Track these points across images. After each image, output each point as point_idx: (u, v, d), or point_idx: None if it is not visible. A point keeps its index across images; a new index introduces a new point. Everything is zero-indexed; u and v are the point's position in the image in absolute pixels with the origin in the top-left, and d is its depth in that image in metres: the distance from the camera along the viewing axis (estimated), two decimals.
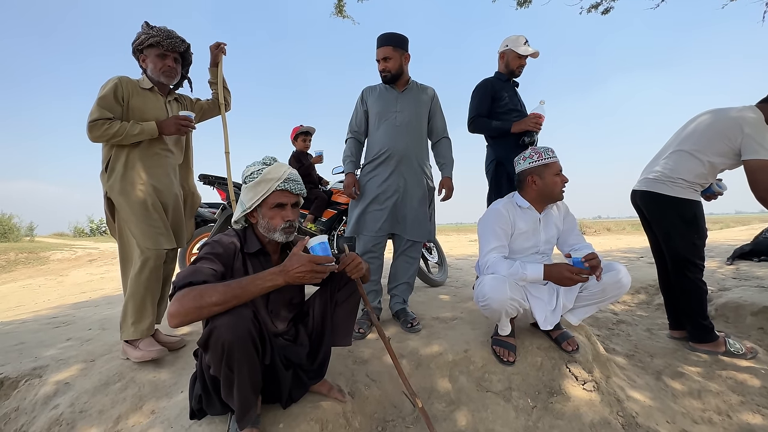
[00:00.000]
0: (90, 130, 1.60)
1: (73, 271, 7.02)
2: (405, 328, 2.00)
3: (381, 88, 2.16)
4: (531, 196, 1.77)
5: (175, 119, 1.73)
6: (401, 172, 2.08)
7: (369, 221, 2.07)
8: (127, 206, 1.66)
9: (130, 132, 1.63)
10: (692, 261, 2.01)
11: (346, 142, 2.20)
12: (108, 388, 1.51)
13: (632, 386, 1.78)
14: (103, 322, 2.42)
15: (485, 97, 2.32)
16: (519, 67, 2.38)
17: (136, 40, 1.75)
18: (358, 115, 2.17)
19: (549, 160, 1.72)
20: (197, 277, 1.01)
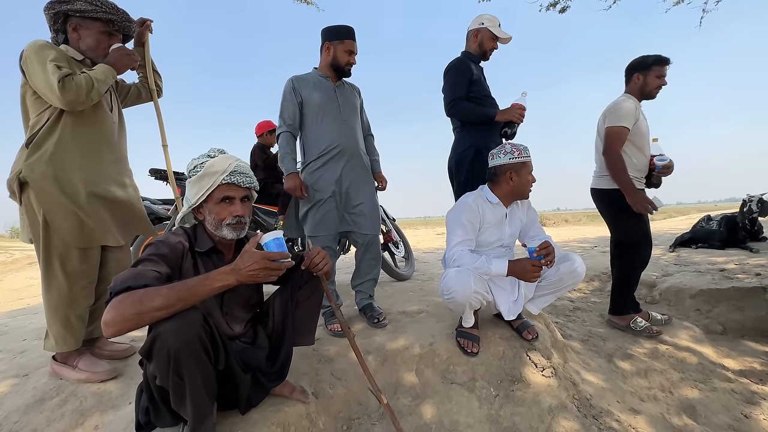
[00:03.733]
0: (63, 93, 1.32)
1: (9, 276, 6.38)
2: (371, 324, 1.99)
3: (314, 80, 2.04)
4: (503, 191, 1.76)
5: (119, 52, 1.51)
6: (352, 168, 2.04)
7: (325, 220, 1.98)
8: (52, 193, 1.40)
9: (97, 77, 1.39)
10: (629, 241, 2.23)
11: (278, 137, 2.01)
12: (43, 405, 1.37)
13: (587, 369, 1.87)
14: (40, 331, 2.19)
15: (463, 78, 2.09)
16: (491, 50, 2.21)
17: (65, 3, 1.45)
18: (291, 106, 1.99)
19: (526, 158, 1.72)
20: (138, 281, 0.92)
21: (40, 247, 1.45)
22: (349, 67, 2.04)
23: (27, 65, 1.38)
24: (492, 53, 2.23)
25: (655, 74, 2.13)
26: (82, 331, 1.53)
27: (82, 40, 1.52)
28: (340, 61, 2.01)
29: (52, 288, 1.46)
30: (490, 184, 1.83)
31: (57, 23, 1.50)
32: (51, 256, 1.45)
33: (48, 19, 1.51)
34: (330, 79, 2.06)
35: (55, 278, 1.45)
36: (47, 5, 1.47)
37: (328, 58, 2.03)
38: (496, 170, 1.77)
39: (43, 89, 1.36)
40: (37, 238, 1.45)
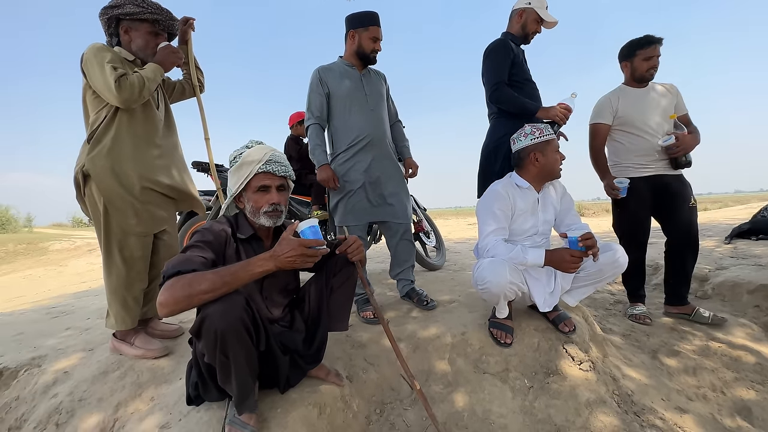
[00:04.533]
0: (120, 92, 1.42)
1: (72, 261, 7.04)
2: (421, 306, 2.03)
3: (340, 70, 2.03)
4: (531, 174, 1.72)
5: (167, 50, 1.61)
6: (381, 157, 2.04)
7: (356, 210, 2.01)
8: (110, 185, 1.52)
9: (148, 76, 1.50)
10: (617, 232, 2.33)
11: (308, 129, 2.03)
12: (107, 377, 1.52)
13: (628, 365, 1.79)
14: (101, 311, 2.41)
15: (505, 60, 1.98)
16: (534, 33, 2.09)
17: (117, 7, 1.56)
18: (319, 98, 2.00)
19: (549, 136, 1.68)
20: (186, 265, 0.99)
21: (101, 234, 1.59)
22: (374, 54, 2.03)
23: (87, 67, 1.50)
24: (534, 37, 2.12)
25: (641, 58, 2.11)
26: (137, 312, 1.66)
27: (132, 41, 1.63)
28: (365, 48, 2.00)
29: (112, 272, 1.60)
30: (518, 169, 1.78)
31: (110, 27, 1.62)
32: (111, 242, 1.58)
33: (102, 24, 1.63)
34: (356, 67, 2.06)
35: (114, 263, 1.59)
36: (101, 11, 1.59)
37: (353, 46, 2.02)
38: (520, 154, 1.74)
39: (102, 89, 1.47)
40: (98, 226, 1.58)
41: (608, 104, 2.18)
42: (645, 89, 2.16)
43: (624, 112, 2.15)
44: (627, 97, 2.17)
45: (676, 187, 2.11)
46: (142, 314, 1.74)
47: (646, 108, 2.12)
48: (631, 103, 2.15)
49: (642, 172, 2.14)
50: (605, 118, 2.19)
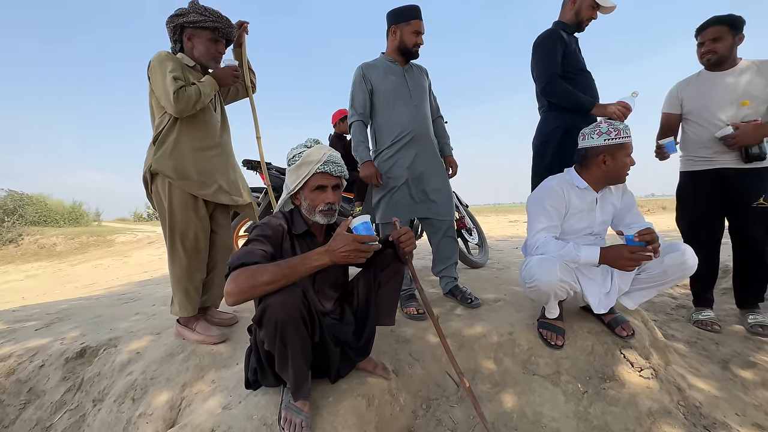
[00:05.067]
0: (176, 102, 1.55)
1: (135, 253, 7.70)
2: (466, 304, 2.01)
3: (384, 65, 2.03)
4: (594, 175, 1.61)
5: (227, 70, 1.73)
6: (424, 153, 2.03)
7: (399, 206, 2.00)
8: (171, 178, 1.65)
9: (204, 90, 1.62)
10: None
11: (351, 126, 2.04)
12: (173, 359, 1.65)
13: (695, 375, 1.66)
14: (165, 299, 2.63)
15: (556, 52, 1.90)
16: (588, 20, 1.98)
17: (182, 15, 1.67)
18: (362, 95, 2.01)
19: (626, 139, 1.54)
20: (250, 258, 1.05)
21: (166, 227, 1.72)
22: (416, 48, 2.01)
23: (152, 74, 1.63)
24: (589, 23, 2.01)
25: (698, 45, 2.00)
26: (198, 300, 1.80)
27: (195, 47, 1.73)
28: (407, 43, 1.99)
29: (176, 263, 1.73)
30: (578, 167, 1.67)
31: (176, 34, 1.74)
32: (174, 235, 1.71)
33: (169, 32, 1.75)
34: (398, 63, 2.05)
35: (177, 254, 1.72)
36: (168, 19, 1.72)
37: (394, 41, 2.01)
38: (587, 152, 1.61)
39: (161, 96, 1.59)
40: (164, 220, 1.72)
41: (674, 92, 2.10)
42: (724, 73, 1.95)
43: (688, 100, 2.03)
44: (696, 84, 2.03)
45: (742, 182, 1.91)
46: (201, 303, 1.86)
47: (716, 95, 1.94)
48: (698, 91, 2.01)
49: (704, 165, 2.00)
50: (669, 107, 2.11)
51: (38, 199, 11.10)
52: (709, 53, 1.94)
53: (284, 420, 1.15)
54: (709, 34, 1.92)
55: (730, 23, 1.88)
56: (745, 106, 1.88)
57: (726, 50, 1.91)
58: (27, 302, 3.72)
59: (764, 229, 1.90)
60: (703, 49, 1.96)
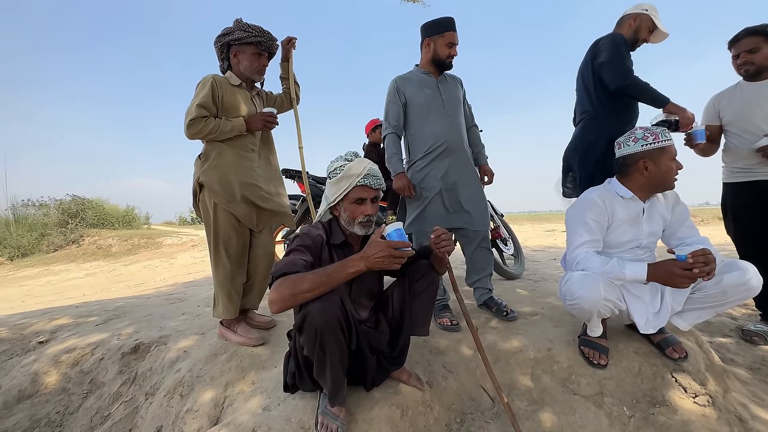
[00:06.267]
0: (188, 128, 1.71)
1: (180, 255, 8.19)
2: (501, 317, 1.97)
3: (417, 78, 2.05)
4: (637, 183, 1.54)
5: (261, 116, 1.83)
6: (458, 163, 2.02)
7: (432, 217, 2.00)
8: (218, 193, 1.77)
9: (223, 129, 1.74)
10: None
11: (385, 138, 2.07)
12: (217, 358, 1.75)
13: (759, 404, 1.52)
14: (207, 300, 2.78)
15: (628, 50, 1.93)
16: (643, 41, 2.02)
17: (228, 34, 1.80)
18: (396, 108, 2.04)
19: (666, 143, 1.48)
20: (291, 267, 1.11)
21: (210, 234, 1.84)
22: (450, 59, 2.02)
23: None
24: (639, 47, 2.03)
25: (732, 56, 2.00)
26: (239, 303, 1.89)
27: (240, 63, 1.86)
28: (441, 55, 2.00)
29: (219, 267, 1.83)
30: (620, 176, 1.60)
31: (223, 53, 1.88)
32: (218, 241, 1.83)
33: (217, 51, 1.89)
34: (432, 74, 2.07)
35: (221, 259, 1.82)
36: (216, 39, 1.86)
37: (428, 54, 2.04)
38: (625, 160, 1.55)
39: (185, 116, 1.74)
40: (209, 227, 1.84)
41: (710, 105, 2.12)
42: (763, 83, 1.91)
43: (726, 111, 2.04)
44: (735, 94, 2.03)
45: None
46: (242, 305, 1.96)
47: (755, 104, 1.90)
48: (737, 102, 2.00)
49: (745, 176, 1.98)
50: (707, 119, 2.12)
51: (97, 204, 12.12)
52: (747, 64, 1.94)
53: (321, 425, 1.19)
54: (743, 45, 1.93)
55: (765, 33, 1.86)
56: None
57: (764, 60, 1.89)
58: (87, 299, 4.07)
59: None
60: (740, 60, 1.96)
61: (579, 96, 2.16)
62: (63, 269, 7.89)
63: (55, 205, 11.58)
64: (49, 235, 10.22)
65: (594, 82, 2.02)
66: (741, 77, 1.99)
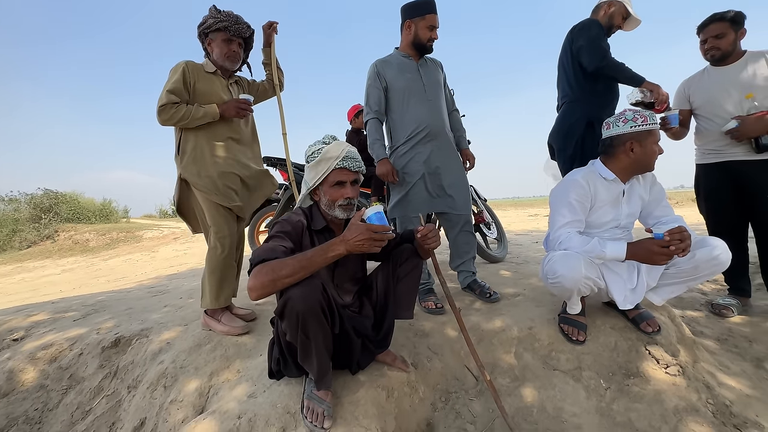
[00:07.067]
0: (159, 114, 1.69)
1: (162, 248, 8.00)
2: (484, 299, 2.00)
3: (398, 61, 2.02)
4: (621, 165, 1.57)
5: (234, 102, 1.78)
6: (440, 148, 2.01)
7: (415, 202, 2.00)
8: (201, 189, 1.76)
9: (195, 115, 1.70)
10: None
11: (366, 124, 2.04)
12: (201, 349, 1.73)
13: (726, 373, 1.60)
14: (191, 292, 2.74)
15: (604, 36, 2.00)
16: (616, 28, 2.07)
17: (202, 23, 1.79)
18: (377, 92, 2.01)
19: (653, 125, 1.51)
20: (270, 254, 1.09)
21: (204, 224, 1.85)
22: (431, 43, 1.99)
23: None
24: (614, 33, 2.08)
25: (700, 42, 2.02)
26: (229, 293, 1.87)
27: (213, 51, 1.82)
28: (421, 38, 1.97)
29: (212, 254, 1.82)
30: (604, 157, 1.63)
31: (203, 43, 1.85)
32: (209, 231, 1.83)
33: (200, 42, 1.86)
34: (412, 58, 2.04)
35: (214, 246, 1.81)
36: (197, 31, 1.83)
37: (409, 36, 2.00)
38: (613, 141, 1.57)
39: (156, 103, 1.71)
40: (203, 217, 1.85)
41: (681, 90, 2.16)
42: (729, 67, 1.96)
43: (695, 95, 2.08)
44: (702, 80, 2.07)
45: (752, 174, 1.90)
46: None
47: (722, 89, 1.95)
48: (705, 86, 2.05)
49: (716, 158, 2.03)
50: (678, 104, 2.16)
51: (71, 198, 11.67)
52: (713, 50, 1.97)
53: (307, 409, 1.19)
54: (710, 31, 1.96)
55: (731, 19, 1.90)
56: (749, 98, 1.87)
57: (729, 46, 1.93)
58: (64, 295, 3.95)
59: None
60: (707, 45, 1.99)
61: (559, 81, 2.20)
62: (38, 266, 7.62)
63: (26, 200, 11.09)
64: (20, 231, 9.82)
65: (573, 67, 2.06)
66: (708, 62, 2.04)
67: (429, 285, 2.09)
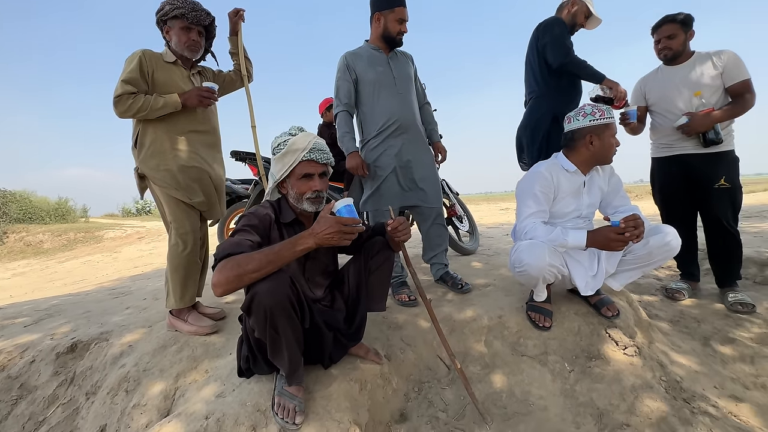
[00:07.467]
0: (115, 106, 1.59)
1: (125, 248, 7.60)
2: (456, 290, 2.04)
3: (368, 54, 2.00)
4: (582, 157, 1.64)
5: (197, 91, 1.69)
6: (411, 141, 2.02)
7: (387, 195, 1.99)
8: (159, 184, 1.68)
9: (154, 106, 1.61)
10: None
11: (336, 116, 2.01)
12: (166, 350, 1.66)
13: (677, 351, 1.72)
14: (156, 293, 2.62)
15: (568, 35, 2.07)
16: (579, 26, 2.15)
17: (159, 10, 1.70)
18: (346, 85, 1.98)
19: (610, 119, 1.59)
20: (236, 249, 1.05)
21: (165, 219, 1.76)
22: (400, 36, 1.99)
23: None
24: (577, 31, 2.16)
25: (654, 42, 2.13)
26: (194, 291, 1.80)
27: (171, 39, 1.73)
28: (391, 31, 1.96)
29: (173, 252, 1.73)
30: (566, 150, 1.70)
31: (162, 32, 1.74)
32: (170, 227, 1.74)
33: (159, 30, 1.76)
34: (383, 51, 2.02)
35: (175, 243, 1.73)
36: (155, 17, 1.73)
37: (378, 29, 1.99)
38: (574, 134, 1.64)
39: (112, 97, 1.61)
40: (163, 213, 1.76)
41: (637, 87, 2.26)
42: (679, 66, 2.08)
43: (650, 93, 2.19)
44: (656, 78, 2.18)
45: (701, 166, 2.04)
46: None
47: (673, 87, 2.08)
48: (658, 84, 2.16)
49: (669, 151, 2.15)
50: (635, 100, 2.26)
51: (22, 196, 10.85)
52: (665, 49, 2.08)
53: (278, 405, 1.17)
54: (663, 32, 2.06)
55: (681, 21, 2.02)
56: (697, 96, 2.00)
57: (679, 46, 2.05)
58: (15, 300, 3.67)
59: (730, 209, 2.03)
60: (660, 45, 2.10)
61: (527, 78, 2.27)
62: None
63: None
64: None
65: (539, 63, 2.12)
66: (661, 61, 2.15)
67: (402, 278, 2.11)
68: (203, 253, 1.90)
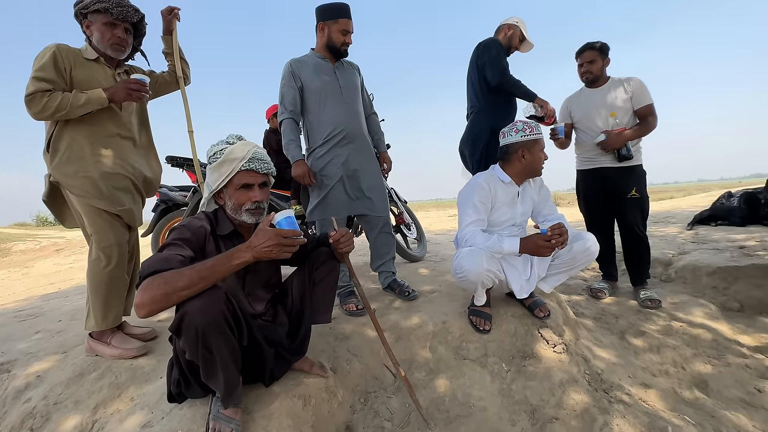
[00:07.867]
0: (28, 106, 1.40)
1: (38, 262, 6.68)
2: (403, 297, 2.07)
3: (314, 62, 2.00)
4: (515, 170, 1.77)
5: (124, 84, 1.52)
6: (358, 151, 2.03)
7: (334, 204, 1.99)
8: (77, 193, 1.51)
9: (75, 103, 1.43)
10: None
11: (281, 124, 1.97)
12: (83, 379, 1.48)
13: (599, 346, 1.90)
14: (74, 312, 2.34)
15: (504, 54, 2.24)
16: (514, 49, 2.35)
17: (79, 2, 1.52)
18: (292, 92, 1.95)
19: (538, 135, 1.73)
20: (163, 265, 0.97)
21: (84, 231, 1.59)
22: (345, 47, 2.00)
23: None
24: (512, 53, 2.35)
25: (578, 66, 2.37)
26: (120, 310, 1.63)
27: (92, 35, 1.56)
28: (335, 41, 1.96)
29: (94, 268, 1.56)
30: (502, 163, 1.82)
31: (81, 25, 1.57)
32: (90, 240, 1.57)
33: (78, 23, 1.58)
34: (328, 60, 2.02)
35: (96, 258, 1.55)
36: (74, 10, 1.55)
37: (323, 39, 1.99)
38: (508, 149, 1.77)
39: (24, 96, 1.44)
40: (82, 224, 1.59)
41: (564, 106, 2.50)
42: (598, 89, 2.34)
43: (575, 112, 2.43)
44: (579, 99, 2.42)
45: (616, 178, 2.31)
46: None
47: (593, 107, 2.33)
48: (580, 104, 2.40)
49: (590, 164, 2.39)
50: (562, 117, 2.50)
51: None
52: (587, 73, 2.33)
53: (212, 431, 1.09)
54: (585, 57, 2.31)
55: (599, 49, 2.29)
56: (613, 116, 2.28)
57: (598, 70, 2.31)
58: None
59: (640, 216, 2.32)
60: (582, 69, 2.34)
61: (468, 93, 2.41)
62: None
63: None
64: None
65: (479, 80, 2.27)
66: (583, 84, 2.41)
67: (350, 287, 2.10)
68: (131, 267, 1.74)
